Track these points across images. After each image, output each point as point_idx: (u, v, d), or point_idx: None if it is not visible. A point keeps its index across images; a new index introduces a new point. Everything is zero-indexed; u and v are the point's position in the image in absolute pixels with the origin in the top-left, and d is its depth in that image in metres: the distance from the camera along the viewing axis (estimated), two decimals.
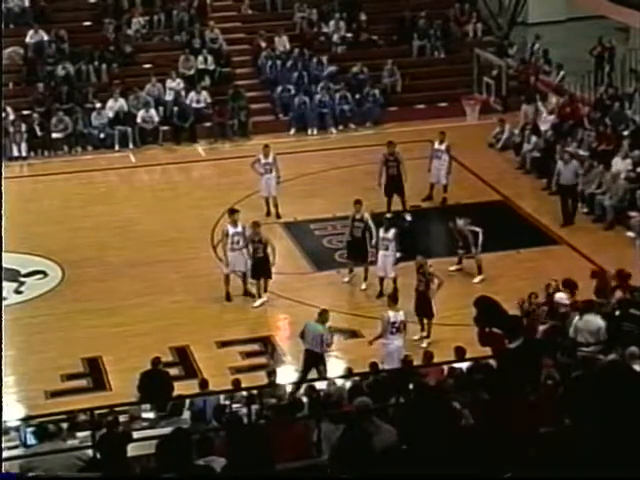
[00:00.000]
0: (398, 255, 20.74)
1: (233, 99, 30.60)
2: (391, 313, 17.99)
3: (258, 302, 20.69)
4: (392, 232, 20.79)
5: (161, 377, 16.51)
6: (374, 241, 20.95)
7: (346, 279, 21.37)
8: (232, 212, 21.31)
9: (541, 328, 17.09)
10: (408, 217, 24.25)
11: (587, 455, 5.74)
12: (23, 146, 28.87)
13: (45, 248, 23.13)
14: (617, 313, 16.51)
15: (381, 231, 20.84)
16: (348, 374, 16.20)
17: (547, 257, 22.51)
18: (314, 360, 17.64)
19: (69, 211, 25.48)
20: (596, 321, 15.79)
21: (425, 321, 19.25)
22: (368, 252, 21.07)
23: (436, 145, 25.14)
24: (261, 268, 20.67)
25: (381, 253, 20.72)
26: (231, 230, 20.87)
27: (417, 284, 19.31)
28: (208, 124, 30.38)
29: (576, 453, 5.82)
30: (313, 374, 17.50)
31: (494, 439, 7.45)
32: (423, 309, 19.20)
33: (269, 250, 20.71)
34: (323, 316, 17.82)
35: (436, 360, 16.27)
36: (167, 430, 11.02)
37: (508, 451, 7.05)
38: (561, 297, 17.80)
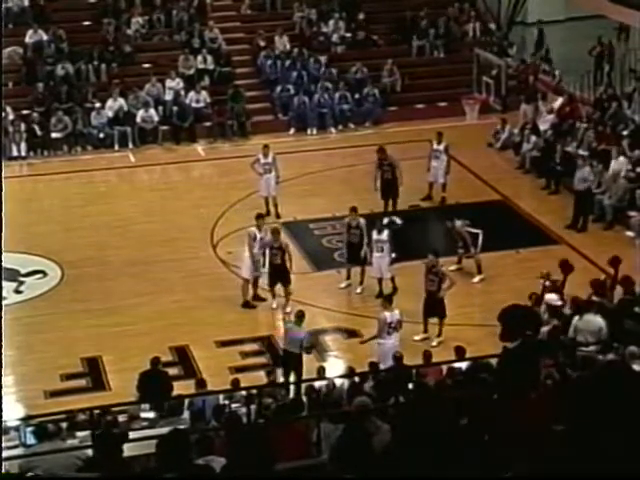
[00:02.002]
0: (393, 255, 20.73)
1: (233, 99, 30.61)
2: (387, 314, 18.01)
3: (275, 304, 20.62)
4: (386, 234, 20.77)
5: (160, 377, 16.51)
6: (367, 242, 20.95)
7: (342, 285, 21.35)
8: (259, 217, 21.05)
9: (544, 329, 17.08)
10: (398, 220, 24.19)
11: (586, 454, 5.74)
12: (23, 146, 28.87)
13: (45, 248, 23.13)
14: (619, 311, 16.53)
15: (374, 233, 20.82)
16: (349, 374, 16.19)
17: (547, 257, 22.44)
18: (293, 361, 17.62)
19: (69, 211, 25.48)
20: (596, 321, 15.79)
21: (437, 321, 19.18)
22: (367, 257, 21.05)
23: (434, 145, 25.18)
24: (278, 275, 20.52)
25: (376, 255, 20.70)
26: (258, 235, 20.69)
27: (428, 284, 19.16)
28: (208, 124, 30.39)
29: (575, 452, 5.82)
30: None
31: (493, 439, 7.44)
32: (436, 309, 19.11)
33: (286, 257, 20.55)
34: (301, 317, 17.81)
35: (436, 360, 16.27)
36: (166, 430, 11.01)
37: (507, 451, 7.05)
38: (551, 298, 17.77)
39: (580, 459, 5.72)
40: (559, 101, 29.33)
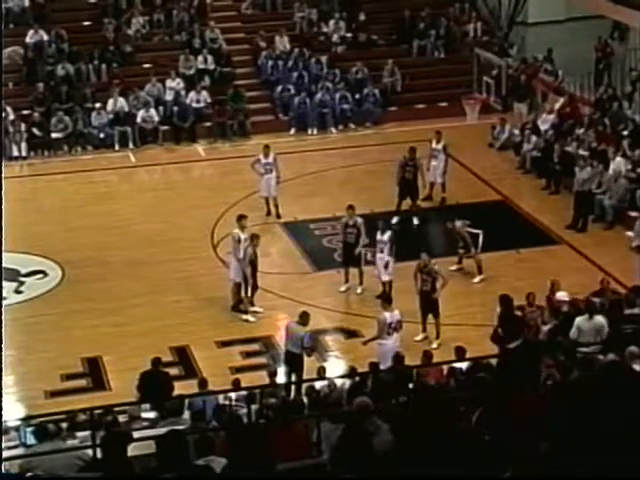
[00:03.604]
0: (390, 259, 20.56)
1: (233, 99, 30.61)
2: (387, 314, 17.95)
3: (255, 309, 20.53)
4: (388, 235, 20.71)
5: (160, 377, 16.49)
6: (363, 242, 20.89)
7: (342, 288, 21.27)
8: (241, 217, 20.84)
9: (545, 328, 17.10)
10: (415, 220, 24.22)
11: (586, 453, 5.74)
12: (23, 146, 28.87)
13: (45, 248, 23.13)
14: (618, 314, 16.54)
15: (378, 233, 20.78)
16: (349, 374, 16.18)
17: (547, 257, 22.51)
18: (295, 361, 17.58)
19: (69, 211, 25.48)
20: (599, 320, 15.81)
21: (432, 321, 19.16)
22: (362, 258, 20.99)
23: (433, 144, 25.20)
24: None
25: (377, 255, 20.68)
26: (242, 236, 20.61)
27: (421, 284, 19.20)
28: (208, 124, 30.39)
29: (576, 452, 5.82)
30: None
31: (493, 438, 7.44)
32: (431, 309, 19.12)
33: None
34: (304, 318, 17.70)
35: (436, 360, 16.27)
36: (166, 430, 11.00)
37: (507, 450, 7.05)
38: (562, 295, 17.82)
39: (580, 458, 5.72)
40: (560, 101, 29.33)
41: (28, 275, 22.01)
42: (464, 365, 15.08)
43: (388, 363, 16.75)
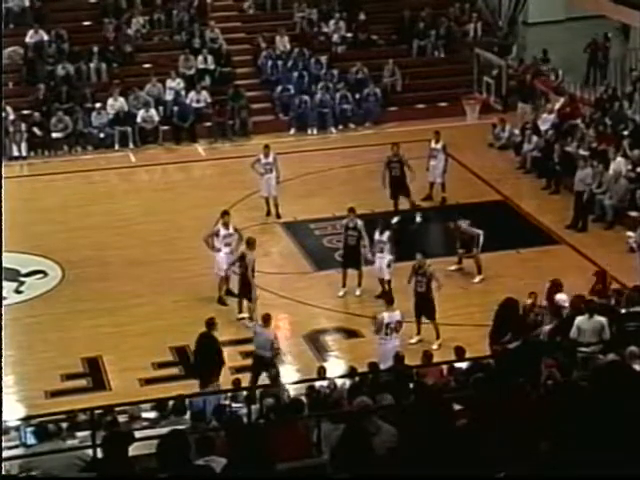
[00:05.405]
0: (390, 257, 20.56)
1: (233, 99, 30.62)
2: (385, 314, 17.92)
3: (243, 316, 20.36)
4: (387, 234, 20.70)
5: (213, 340, 17.18)
6: (366, 243, 20.85)
7: (340, 293, 21.20)
8: (225, 213, 21.15)
9: (545, 329, 17.10)
10: (418, 218, 24.23)
11: (587, 454, 5.74)
12: (23, 146, 28.88)
13: (45, 248, 23.14)
14: (622, 312, 16.55)
15: (376, 233, 20.77)
16: (349, 374, 16.18)
17: (547, 257, 22.51)
18: (264, 365, 17.47)
19: (69, 211, 25.48)
20: (599, 321, 15.82)
21: (429, 322, 19.13)
22: (361, 260, 20.97)
23: (432, 144, 25.19)
24: (245, 288, 20.34)
25: (377, 255, 20.68)
26: (222, 232, 20.75)
27: (416, 285, 19.20)
28: (208, 124, 30.40)
29: (575, 452, 5.82)
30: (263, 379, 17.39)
31: (493, 439, 7.44)
32: (426, 311, 19.10)
33: (249, 272, 19.99)
34: (268, 321, 17.72)
35: (436, 360, 16.27)
36: (167, 430, 11.00)
37: (506, 450, 7.05)
38: (562, 298, 17.80)
39: (580, 458, 5.72)
40: (560, 101, 29.34)
41: (28, 275, 22.02)
42: (464, 365, 15.08)
43: (388, 363, 16.75)
